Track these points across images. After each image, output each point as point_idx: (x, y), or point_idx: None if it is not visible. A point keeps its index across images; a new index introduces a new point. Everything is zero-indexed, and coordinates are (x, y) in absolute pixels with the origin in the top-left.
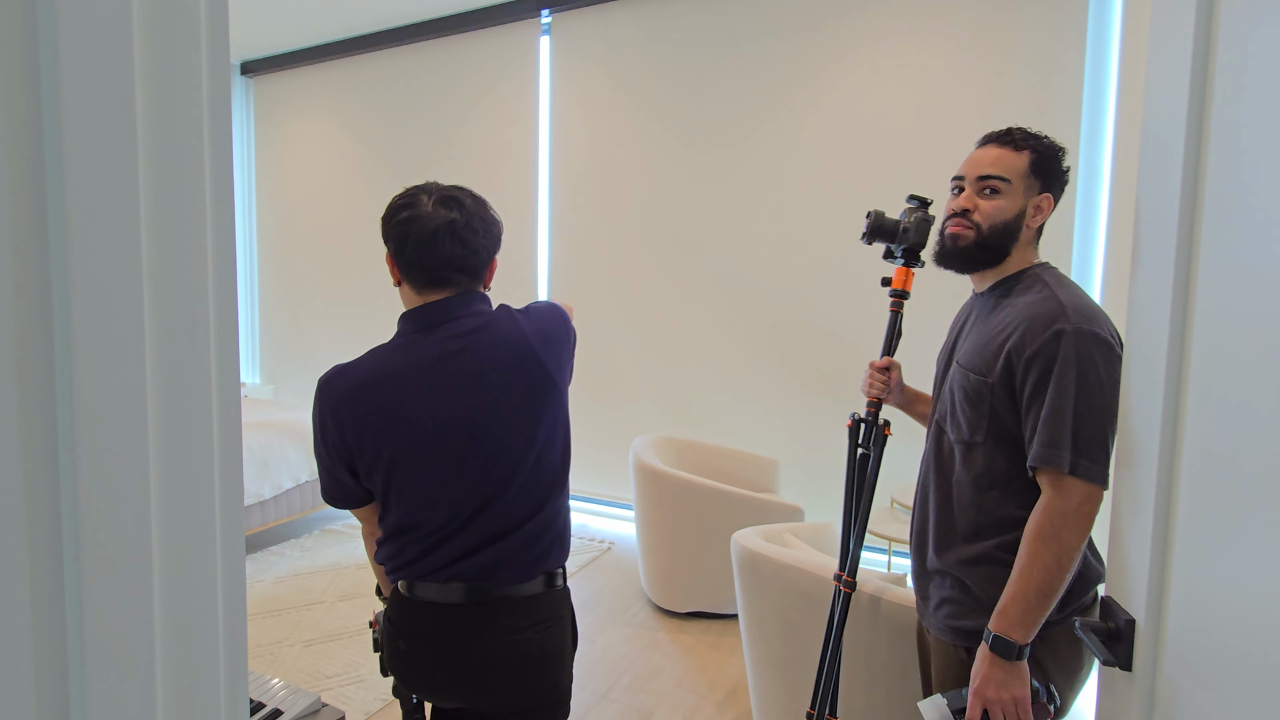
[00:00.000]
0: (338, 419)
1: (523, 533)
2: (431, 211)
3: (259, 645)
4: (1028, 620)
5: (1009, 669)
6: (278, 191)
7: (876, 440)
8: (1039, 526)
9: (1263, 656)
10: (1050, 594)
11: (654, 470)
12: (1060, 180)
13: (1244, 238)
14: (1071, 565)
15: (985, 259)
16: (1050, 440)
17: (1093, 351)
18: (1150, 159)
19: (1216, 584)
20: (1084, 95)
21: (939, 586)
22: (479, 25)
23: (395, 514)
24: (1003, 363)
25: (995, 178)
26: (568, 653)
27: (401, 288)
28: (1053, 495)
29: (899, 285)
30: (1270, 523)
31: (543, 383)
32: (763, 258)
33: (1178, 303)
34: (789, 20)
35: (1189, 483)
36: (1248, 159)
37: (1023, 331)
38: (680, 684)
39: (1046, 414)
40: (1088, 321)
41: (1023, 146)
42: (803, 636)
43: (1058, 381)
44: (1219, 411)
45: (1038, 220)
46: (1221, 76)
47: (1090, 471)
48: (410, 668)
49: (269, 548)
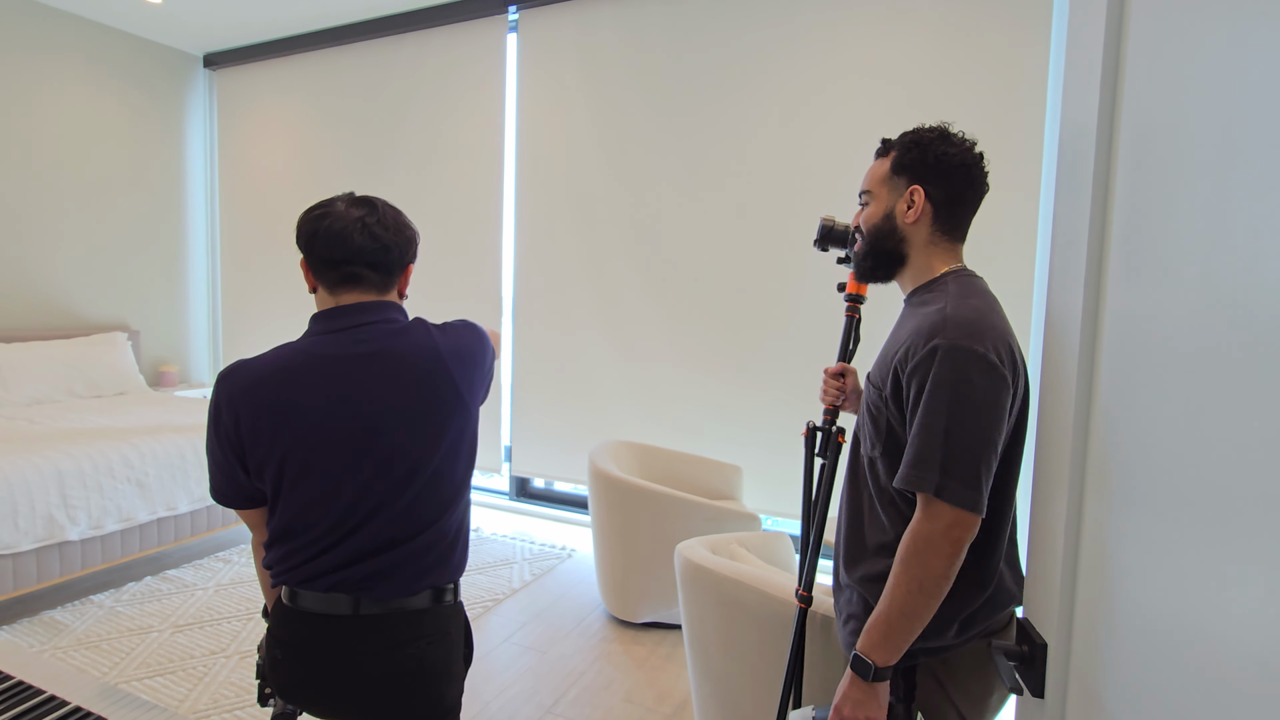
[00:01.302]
0: (233, 411)
1: (412, 545)
2: (344, 211)
3: (191, 656)
4: (888, 643)
5: (866, 689)
6: (240, 186)
7: (832, 449)
8: (904, 549)
9: (1162, 686)
10: (913, 618)
11: (607, 475)
12: (933, 168)
13: (1152, 246)
14: (937, 591)
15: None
16: (916, 460)
17: (969, 369)
18: (1066, 163)
19: (1119, 607)
20: (1048, 97)
21: (847, 602)
22: (445, 20)
23: (283, 515)
24: (891, 377)
25: (864, 191)
26: (454, 670)
27: (317, 293)
28: (920, 518)
29: (853, 290)
30: (1168, 541)
31: (450, 398)
32: (730, 258)
33: (1087, 322)
34: (753, 20)
35: (1095, 501)
36: (1156, 164)
37: (909, 345)
38: (629, 697)
39: (915, 432)
40: (967, 337)
41: (885, 151)
42: (745, 652)
43: (929, 399)
44: (1123, 427)
45: (913, 215)
46: (1131, 81)
47: (959, 495)
48: (288, 679)
49: (215, 554)
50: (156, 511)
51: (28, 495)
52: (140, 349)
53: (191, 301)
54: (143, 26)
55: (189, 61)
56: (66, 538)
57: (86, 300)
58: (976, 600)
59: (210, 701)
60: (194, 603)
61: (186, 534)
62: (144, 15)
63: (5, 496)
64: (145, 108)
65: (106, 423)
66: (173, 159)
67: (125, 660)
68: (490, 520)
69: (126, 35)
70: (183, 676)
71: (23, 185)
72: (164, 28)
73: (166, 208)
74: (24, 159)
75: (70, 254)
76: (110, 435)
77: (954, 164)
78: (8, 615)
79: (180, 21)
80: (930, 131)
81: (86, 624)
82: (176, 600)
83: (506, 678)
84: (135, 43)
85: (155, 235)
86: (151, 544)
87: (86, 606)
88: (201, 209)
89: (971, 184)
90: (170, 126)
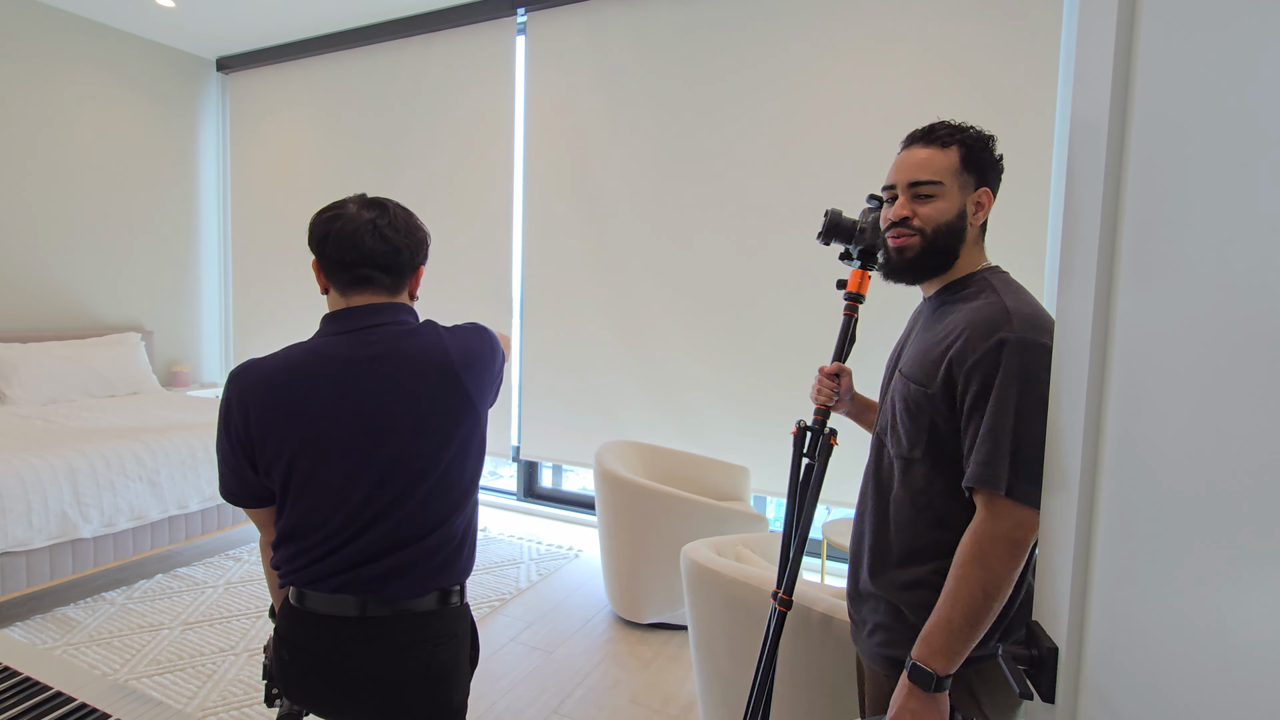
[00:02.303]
0: (243, 410)
1: (419, 547)
2: (355, 213)
3: (201, 654)
4: (950, 650)
5: (926, 700)
6: (252, 188)
7: (822, 450)
8: (968, 551)
9: (1177, 691)
10: (977, 624)
11: (614, 476)
12: (994, 171)
13: (1164, 246)
14: (1000, 595)
15: (935, 264)
16: (987, 459)
17: (1038, 364)
18: (1076, 160)
19: (1132, 611)
20: (1058, 95)
21: (873, 611)
22: (455, 23)
23: (291, 515)
24: (944, 372)
25: (927, 182)
26: (460, 672)
27: (329, 295)
28: (984, 518)
29: (853, 288)
30: (1181, 543)
31: (459, 401)
32: (739, 258)
33: (1099, 317)
34: (762, 22)
35: (1108, 503)
36: (1170, 161)
37: (965, 339)
38: (636, 698)
39: (985, 430)
40: (1034, 331)
41: (949, 143)
42: (751, 654)
43: (998, 395)
44: (1136, 428)
45: (980, 217)
46: (1144, 73)
47: (1028, 495)
48: (294, 680)
49: (226, 551)
50: (168, 510)
51: (41, 493)
52: (154, 349)
53: (204, 302)
54: (156, 31)
55: (202, 65)
56: (79, 535)
57: (101, 301)
58: (1012, 608)
59: (220, 699)
60: (204, 600)
61: (198, 532)
62: (157, 20)
63: (19, 494)
64: (159, 111)
65: (120, 422)
66: (186, 162)
67: (136, 657)
68: (498, 521)
69: (140, 40)
70: (193, 674)
71: (39, 189)
72: (177, 32)
73: (180, 210)
74: (40, 163)
75: (85, 256)
76: (123, 434)
77: (1001, 169)
78: (22, 611)
79: (193, 26)
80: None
81: (98, 620)
82: (187, 598)
83: (513, 678)
84: (149, 47)
85: (168, 237)
86: (163, 542)
87: (99, 603)
88: (214, 211)
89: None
90: (183, 130)
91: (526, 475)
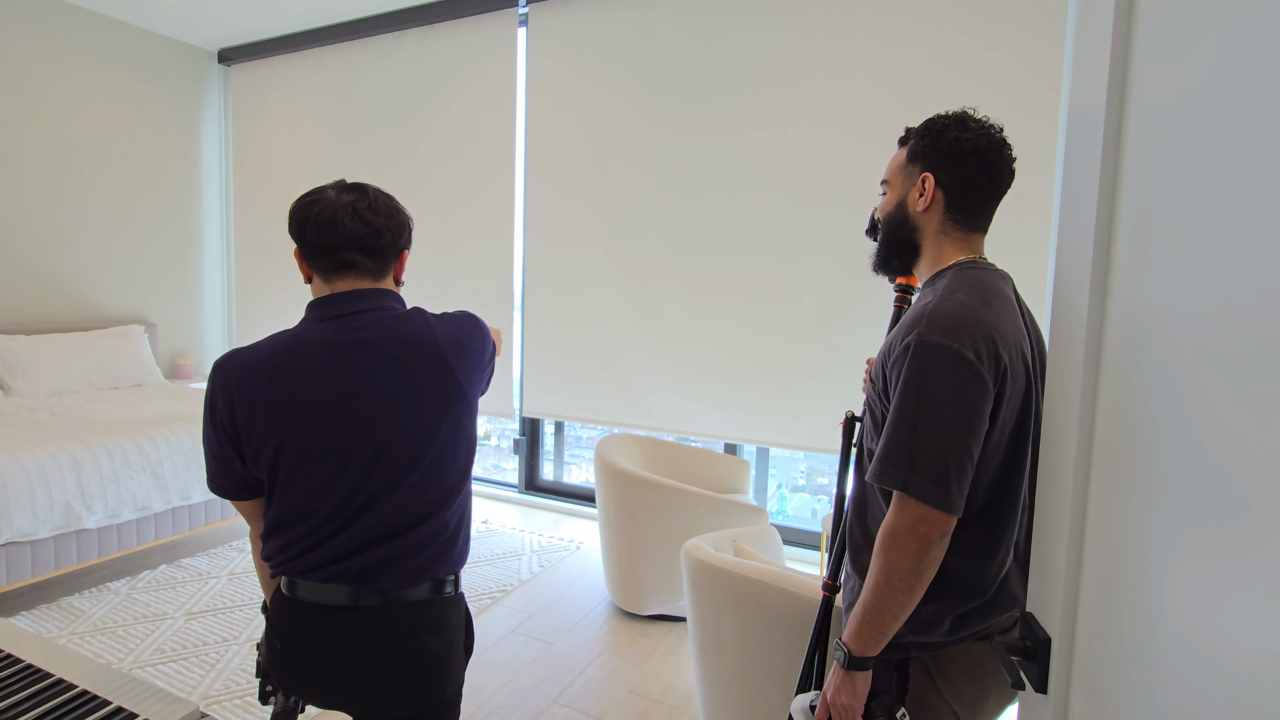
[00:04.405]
0: (228, 399)
1: (411, 536)
2: (334, 197)
3: (204, 643)
4: (862, 633)
5: (845, 676)
6: (254, 180)
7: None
8: (877, 541)
9: (1168, 682)
10: (882, 610)
11: (615, 468)
12: (945, 154)
13: (1161, 233)
14: (905, 585)
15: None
16: (885, 455)
17: (938, 366)
18: (1073, 147)
19: (1123, 603)
20: (1064, 81)
21: (850, 591)
22: (457, 15)
23: (281, 505)
24: (881, 372)
25: (883, 181)
26: (454, 661)
27: (313, 283)
28: (891, 511)
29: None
30: (1174, 534)
31: (448, 386)
32: (745, 250)
33: (1094, 307)
34: (770, 10)
35: (1099, 493)
36: (1167, 148)
37: (894, 339)
38: (635, 689)
39: (885, 429)
40: (942, 333)
41: (905, 141)
42: (764, 651)
43: (899, 396)
44: (1130, 418)
45: (923, 203)
46: (1141, 60)
47: (924, 492)
48: (287, 670)
49: (229, 542)
50: (171, 501)
51: (46, 484)
52: (157, 341)
53: (207, 294)
54: (158, 22)
55: (203, 57)
56: (84, 526)
57: (105, 294)
58: (972, 601)
59: (222, 687)
60: (208, 590)
61: (201, 523)
62: (159, 11)
63: (24, 485)
64: (161, 103)
65: (123, 414)
66: (188, 154)
67: (140, 646)
68: (499, 513)
69: (142, 31)
70: (196, 663)
71: (41, 181)
72: (179, 23)
73: (182, 202)
74: (42, 155)
75: (88, 248)
76: (127, 426)
77: (967, 150)
78: (27, 601)
79: (195, 17)
80: (946, 117)
81: (103, 610)
82: (191, 588)
83: (513, 668)
84: (151, 38)
85: (171, 229)
86: (166, 533)
87: (103, 593)
88: (216, 203)
89: (987, 170)
90: (185, 121)
91: (528, 468)
